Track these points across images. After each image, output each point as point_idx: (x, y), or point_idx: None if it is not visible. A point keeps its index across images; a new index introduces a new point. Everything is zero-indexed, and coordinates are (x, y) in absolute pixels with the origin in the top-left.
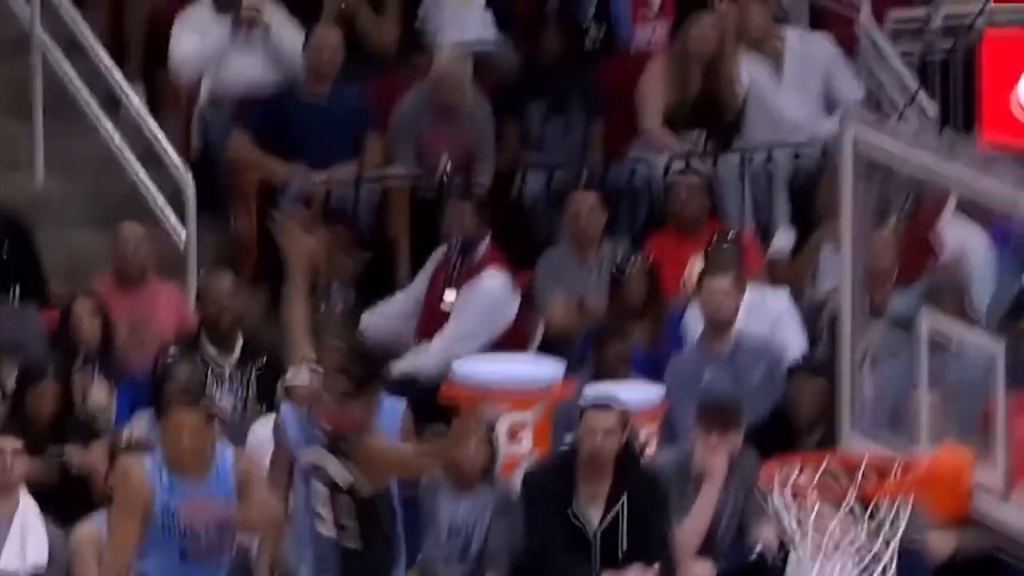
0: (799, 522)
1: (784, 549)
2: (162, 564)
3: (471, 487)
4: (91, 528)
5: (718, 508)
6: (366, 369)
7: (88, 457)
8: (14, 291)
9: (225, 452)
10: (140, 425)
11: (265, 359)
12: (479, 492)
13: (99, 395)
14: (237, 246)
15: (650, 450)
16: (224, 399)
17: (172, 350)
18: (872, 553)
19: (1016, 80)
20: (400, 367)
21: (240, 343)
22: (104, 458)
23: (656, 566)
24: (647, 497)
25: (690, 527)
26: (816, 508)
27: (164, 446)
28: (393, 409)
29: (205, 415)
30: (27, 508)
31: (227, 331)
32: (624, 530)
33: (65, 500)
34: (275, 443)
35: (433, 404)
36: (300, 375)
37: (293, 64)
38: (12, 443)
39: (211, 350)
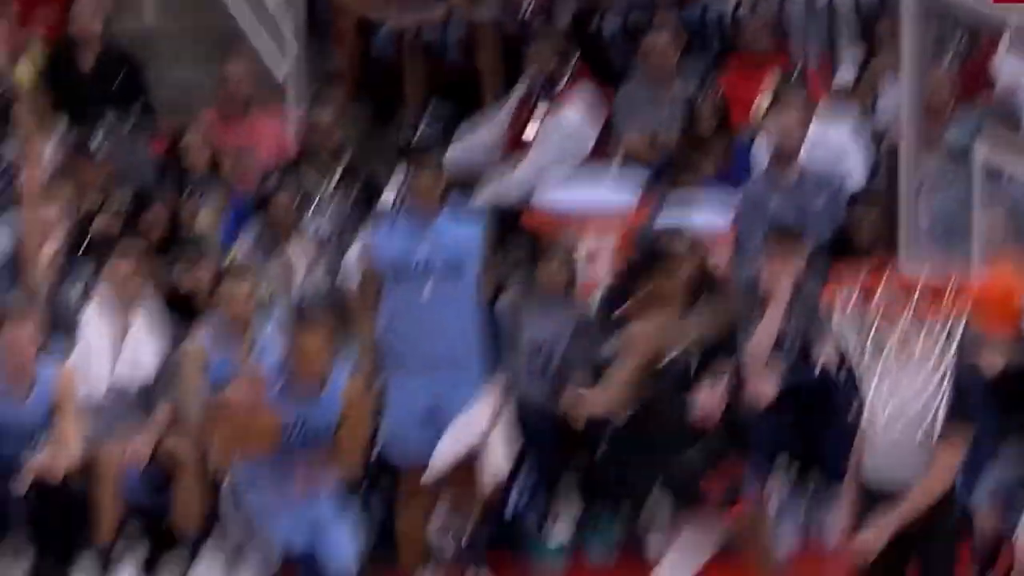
0: (859, 340)
1: (845, 366)
2: None
3: (553, 305)
4: (197, 344)
5: (782, 328)
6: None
7: (195, 275)
8: (126, 121)
9: (339, 378)
10: (243, 247)
11: (362, 182)
12: (560, 311)
13: (206, 219)
14: (335, 79)
15: (720, 273)
16: (323, 222)
17: (273, 176)
18: (928, 369)
19: None
20: (485, 195)
21: (339, 169)
22: (210, 276)
23: (724, 382)
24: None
25: (756, 346)
26: (875, 327)
27: (290, 361)
28: (473, 234)
29: (328, 334)
30: (140, 322)
31: (326, 158)
32: (696, 350)
33: (174, 315)
34: (364, 266)
35: (516, 230)
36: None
37: None
38: (126, 264)
39: (311, 176)
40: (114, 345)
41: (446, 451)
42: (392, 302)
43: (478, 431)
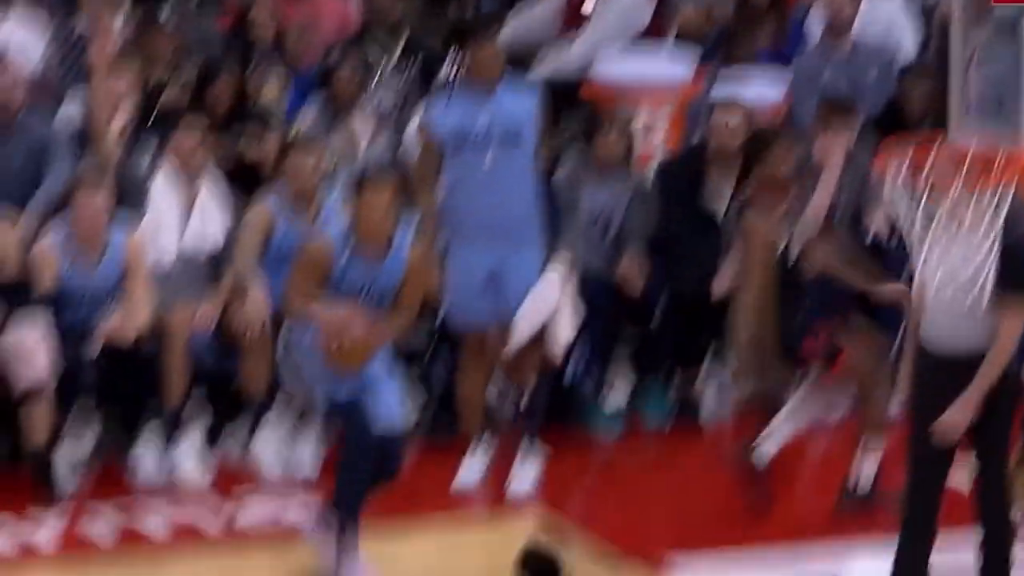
0: (909, 210)
1: (895, 235)
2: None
3: (610, 176)
4: (262, 209)
5: (835, 196)
6: None
7: (261, 147)
8: None
9: (403, 240)
10: (307, 118)
11: (422, 57)
12: (618, 180)
13: (271, 91)
14: None
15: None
16: (384, 95)
17: (336, 51)
18: (978, 238)
19: None
20: (542, 68)
21: (399, 44)
22: (275, 148)
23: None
24: None
25: (809, 214)
26: (925, 197)
27: (355, 225)
28: (530, 105)
29: (393, 192)
30: (206, 193)
31: (387, 33)
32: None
33: (239, 186)
34: (424, 137)
35: (573, 102)
36: None
37: None
38: (194, 135)
39: (373, 51)
40: (182, 215)
41: (526, 324)
42: (454, 172)
43: (552, 303)
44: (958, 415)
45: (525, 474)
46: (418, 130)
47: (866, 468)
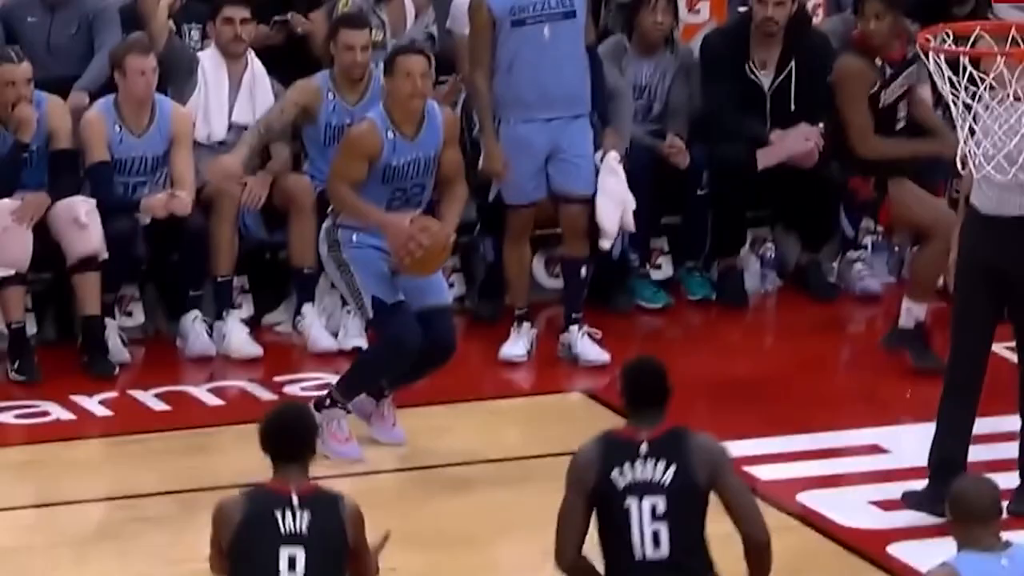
0: (954, 82)
1: (941, 105)
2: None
3: (655, 51)
4: (307, 84)
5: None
6: None
7: (310, 23)
8: None
9: (434, 108)
10: None
11: None
12: (662, 56)
13: None
14: None
15: (817, 18)
16: None
17: None
18: (1019, 113)
19: None
20: None
21: None
22: (324, 22)
23: (820, 125)
24: (815, 60)
25: None
26: (969, 69)
27: (390, 104)
28: None
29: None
30: (255, 68)
31: None
32: (793, 90)
33: (289, 61)
34: (480, 16)
35: None
36: None
37: None
38: (242, 11)
39: None
40: (231, 89)
41: (609, 223)
42: (511, 47)
43: (622, 193)
44: None
45: (572, 346)
46: (472, 8)
47: (914, 310)
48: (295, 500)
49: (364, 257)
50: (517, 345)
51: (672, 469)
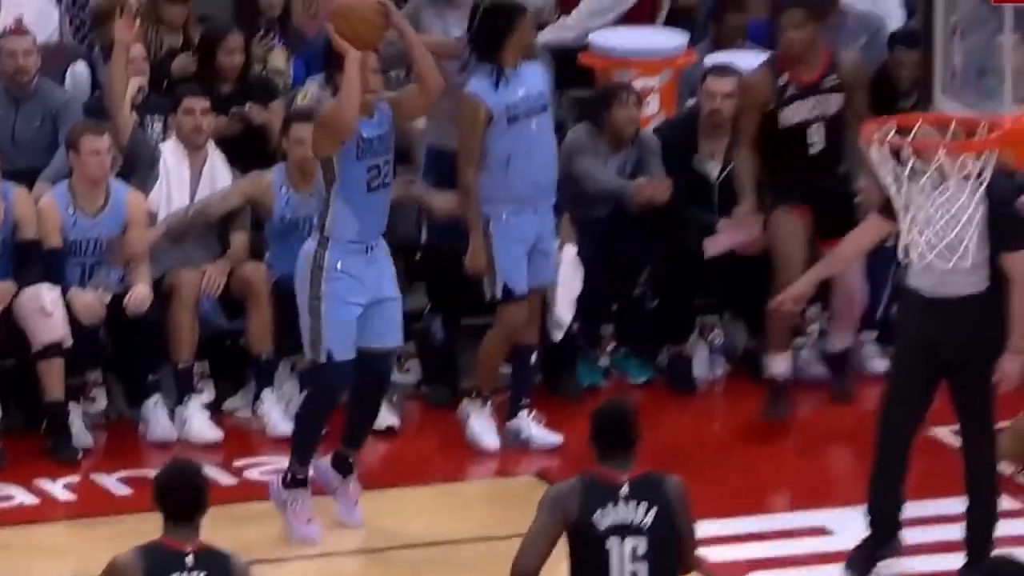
0: (895, 174)
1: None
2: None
3: (623, 146)
4: (259, 177)
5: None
6: None
7: (267, 114)
8: None
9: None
10: (312, 88)
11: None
12: (628, 148)
13: (278, 60)
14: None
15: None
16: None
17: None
18: (962, 201)
19: None
20: (543, 38)
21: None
22: (282, 113)
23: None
24: None
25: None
26: (911, 160)
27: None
28: (537, 72)
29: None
30: (215, 158)
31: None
32: None
33: (248, 151)
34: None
35: (573, 70)
36: None
37: None
38: (202, 101)
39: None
40: (192, 178)
41: (566, 311)
42: (509, 142)
43: (578, 284)
44: (1016, 363)
45: (521, 431)
46: (465, 106)
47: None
48: (190, 559)
49: (338, 297)
50: (491, 432)
51: (653, 511)
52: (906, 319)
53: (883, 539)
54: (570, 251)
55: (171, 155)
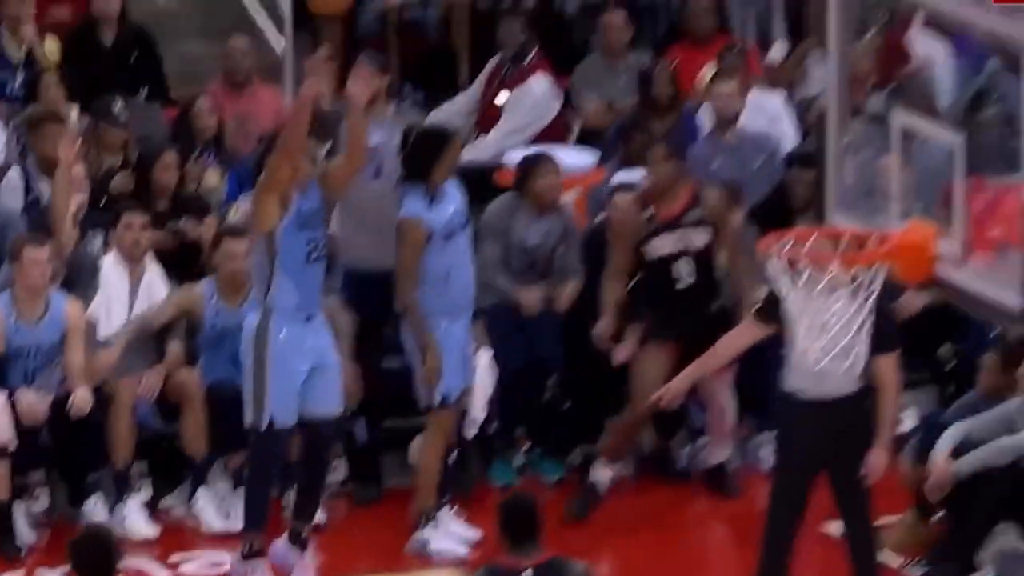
0: (791, 285)
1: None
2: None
3: (546, 212)
4: (191, 291)
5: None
6: None
7: (201, 229)
8: (141, 91)
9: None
10: (243, 205)
11: None
12: (552, 217)
13: (212, 178)
14: (327, 55)
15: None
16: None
17: (269, 141)
18: (853, 311)
19: None
20: (463, 157)
21: (330, 136)
22: (215, 228)
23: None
24: None
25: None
26: (806, 272)
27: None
28: (456, 189)
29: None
30: (152, 270)
31: (321, 126)
32: None
33: (183, 264)
34: (416, 234)
35: (489, 187)
36: None
37: None
38: (140, 217)
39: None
40: (131, 290)
41: (480, 410)
42: (448, 257)
43: (489, 388)
44: (885, 454)
45: (440, 525)
46: (406, 227)
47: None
48: None
49: (282, 364)
50: (457, 540)
51: None
52: (785, 420)
53: None
54: (484, 355)
55: (111, 268)
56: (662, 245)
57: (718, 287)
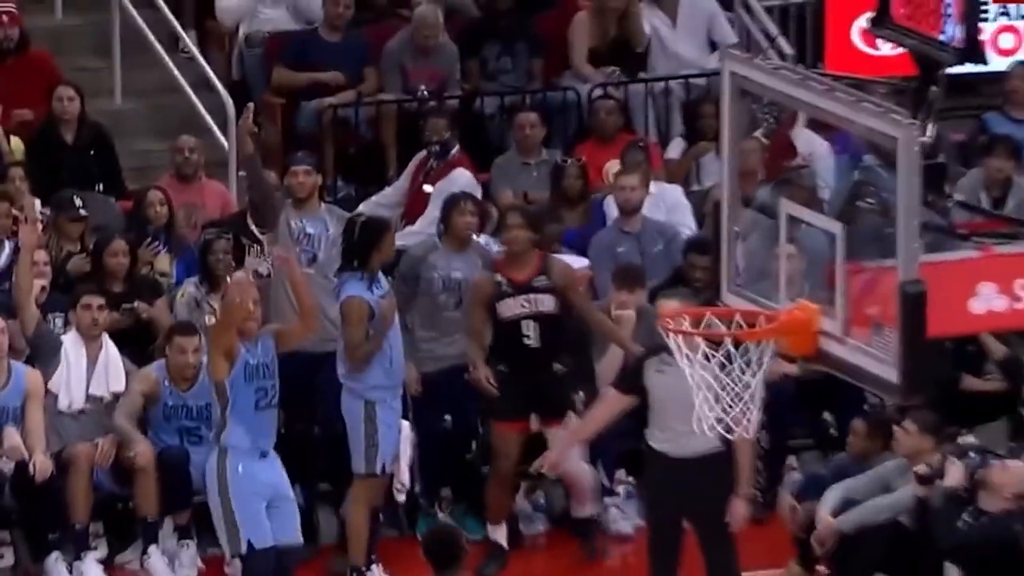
0: (688, 359)
1: None
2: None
3: (464, 248)
4: (147, 373)
5: (629, 347)
6: None
7: (153, 310)
8: (99, 186)
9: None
10: (189, 288)
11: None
12: (470, 253)
13: (162, 263)
14: (265, 151)
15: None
16: (261, 266)
17: (212, 230)
18: (743, 383)
19: (851, 23)
20: None
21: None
22: (165, 308)
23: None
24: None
25: (608, 362)
26: (701, 349)
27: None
28: (382, 276)
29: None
30: (109, 349)
31: (265, 214)
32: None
33: (136, 342)
34: (361, 314)
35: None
36: None
37: (313, 15)
38: (97, 299)
39: (255, 228)
40: (88, 365)
41: (406, 478)
42: (392, 338)
43: (410, 454)
44: (745, 506)
45: None
46: (352, 307)
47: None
48: None
49: (245, 494)
50: None
51: None
52: (652, 478)
53: None
54: (406, 426)
55: (71, 345)
56: (512, 307)
57: (564, 348)
